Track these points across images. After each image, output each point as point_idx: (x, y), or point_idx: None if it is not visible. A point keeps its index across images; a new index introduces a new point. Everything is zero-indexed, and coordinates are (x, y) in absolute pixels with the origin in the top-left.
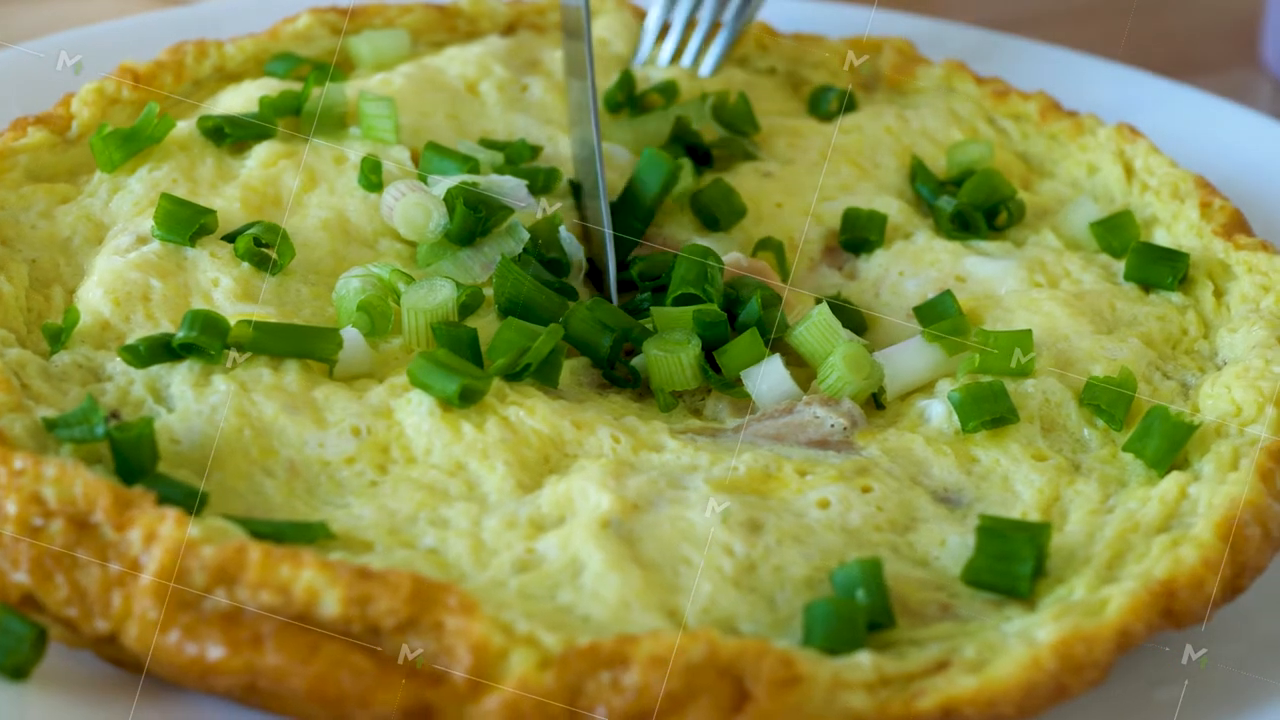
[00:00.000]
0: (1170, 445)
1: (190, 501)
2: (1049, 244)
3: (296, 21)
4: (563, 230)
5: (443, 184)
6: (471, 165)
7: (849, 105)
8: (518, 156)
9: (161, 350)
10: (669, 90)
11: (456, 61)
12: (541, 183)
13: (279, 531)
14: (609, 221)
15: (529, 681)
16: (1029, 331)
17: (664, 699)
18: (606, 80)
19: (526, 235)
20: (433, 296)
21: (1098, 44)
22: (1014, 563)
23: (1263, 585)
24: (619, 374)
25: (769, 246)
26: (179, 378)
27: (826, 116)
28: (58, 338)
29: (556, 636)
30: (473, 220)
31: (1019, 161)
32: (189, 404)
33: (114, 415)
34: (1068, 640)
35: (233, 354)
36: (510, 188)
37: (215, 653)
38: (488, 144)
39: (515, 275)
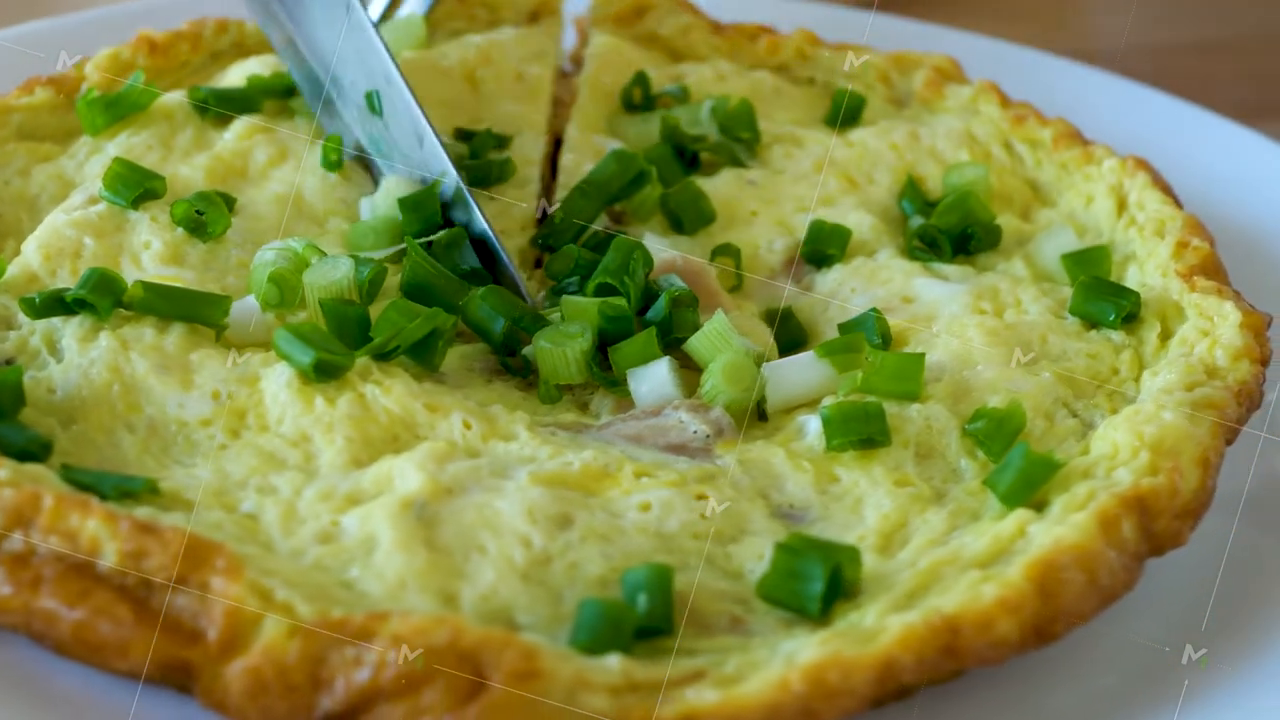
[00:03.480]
0: (1025, 482)
1: (32, 448)
2: (1015, 273)
3: None
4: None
5: (390, 174)
6: None
7: (869, 118)
8: (482, 147)
9: (56, 304)
10: (682, 95)
11: (460, 49)
12: (496, 173)
13: (100, 483)
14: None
15: (274, 648)
16: (921, 356)
17: (399, 679)
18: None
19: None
20: (331, 273)
21: (1212, 79)
22: (805, 581)
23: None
24: (513, 363)
25: (727, 253)
26: (70, 331)
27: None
28: None
29: (312, 607)
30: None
31: (1026, 188)
32: (73, 356)
33: (8, 362)
34: (823, 665)
35: None
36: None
37: (2, 590)
38: (462, 134)
39: (418, 257)
